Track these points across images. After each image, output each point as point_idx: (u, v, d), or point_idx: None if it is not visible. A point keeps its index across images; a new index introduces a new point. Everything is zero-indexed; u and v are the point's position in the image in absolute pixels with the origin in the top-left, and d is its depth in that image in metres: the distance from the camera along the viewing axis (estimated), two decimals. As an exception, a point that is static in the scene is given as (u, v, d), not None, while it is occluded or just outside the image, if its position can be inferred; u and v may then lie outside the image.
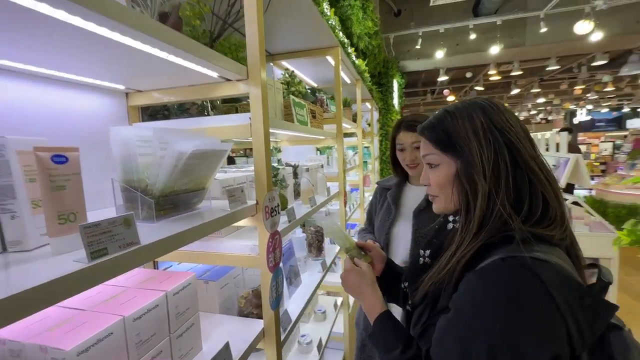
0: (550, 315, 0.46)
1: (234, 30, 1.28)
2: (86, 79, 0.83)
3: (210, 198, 0.88)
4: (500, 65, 6.68)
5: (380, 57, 4.73)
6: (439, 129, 0.65)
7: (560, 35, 4.86)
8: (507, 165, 0.58)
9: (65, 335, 0.56)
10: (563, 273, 0.49)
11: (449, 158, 0.65)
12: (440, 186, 0.67)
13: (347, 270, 0.81)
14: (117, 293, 0.73)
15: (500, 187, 0.57)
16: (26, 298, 0.36)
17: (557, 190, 0.59)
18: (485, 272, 0.52)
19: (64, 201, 0.48)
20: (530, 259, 0.49)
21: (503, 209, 0.56)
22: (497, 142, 0.59)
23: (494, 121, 0.60)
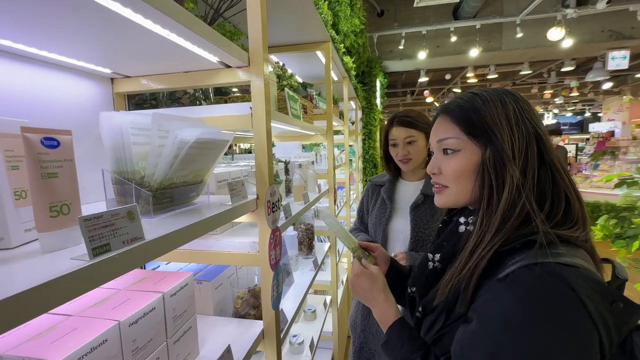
0: (585, 328, 0.43)
1: (225, 19, 1.22)
2: (66, 59, 0.75)
3: (208, 193, 0.82)
4: (477, 69, 6.91)
5: (364, 56, 4.75)
6: (470, 109, 0.59)
7: (534, 41, 5.09)
8: (534, 159, 0.55)
9: (52, 345, 0.49)
10: (592, 278, 0.46)
11: (474, 144, 0.59)
12: (457, 175, 0.61)
13: (358, 274, 0.75)
14: (108, 296, 0.66)
15: (527, 181, 0.54)
16: (17, 304, 0.30)
17: (577, 191, 0.56)
18: (513, 283, 0.48)
19: (56, 191, 0.42)
20: (557, 265, 0.46)
21: (529, 204, 0.53)
22: (528, 132, 0.56)
23: (524, 110, 0.57)
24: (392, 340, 0.66)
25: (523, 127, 0.56)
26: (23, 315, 0.31)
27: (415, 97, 10.86)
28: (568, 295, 0.44)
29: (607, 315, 0.44)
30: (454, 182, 0.62)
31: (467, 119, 0.59)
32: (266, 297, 0.88)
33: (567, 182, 0.55)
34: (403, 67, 6.05)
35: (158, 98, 1.08)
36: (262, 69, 0.82)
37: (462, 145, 0.60)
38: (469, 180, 0.60)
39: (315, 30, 1.74)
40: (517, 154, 0.55)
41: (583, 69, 7.38)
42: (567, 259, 0.47)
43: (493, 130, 0.57)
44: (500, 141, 0.56)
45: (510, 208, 0.54)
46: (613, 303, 0.45)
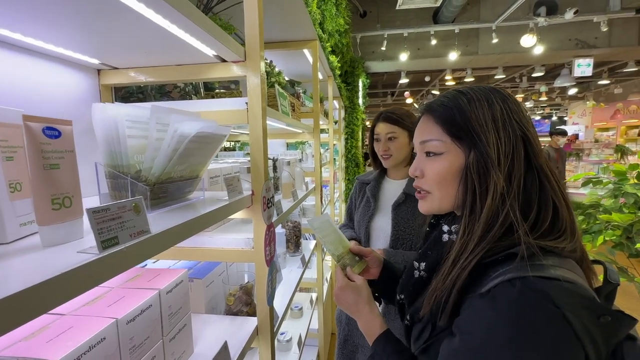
0: (569, 344, 0.41)
1: (214, 14, 1.20)
2: (53, 47, 0.71)
3: (204, 189, 0.81)
4: (455, 72, 7.15)
5: (348, 55, 4.80)
6: (454, 109, 0.55)
7: (508, 46, 5.33)
8: (521, 164, 0.52)
9: (47, 344, 0.47)
10: (578, 292, 0.43)
11: (458, 147, 0.55)
12: (440, 180, 0.57)
13: (342, 287, 0.72)
14: (100, 294, 0.64)
15: (512, 188, 0.51)
16: (25, 299, 0.28)
17: (567, 198, 0.53)
18: (494, 299, 0.45)
19: (58, 182, 0.40)
20: (540, 280, 0.43)
21: (512, 213, 0.49)
22: (515, 135, 0.52)
23: (512, 110, 0.54)
24: (378, 354, 0.64)
25: (510, 129, 0.53)
26: (33, 310, 0.30)
27: (395, 98, 11.07)
28: (551, 312, 0.41)
29: (593, 330, 0.42)
30: (437, 187, 0.59)
31: (451, 119, 0.56)
32: (261, 293, 0.88)
33: (555, 188, 0.52)
34: (385, 68, 6.15)
35: (146, 91, 1.04)
36: (259, 65, 0.81)
37: (445, 148, 0.57)
38: (452, 185, 0.57)
39: (304, 28, 1.74)
40: (503, 158, 0.51)
41: (551, 74, 7.82)
42: (550, 272, 0.44)
43: (478, 133, 0.53)
44: (485, 145, 0.52)
45: (494, 216, 0.51)
46: (600, 317, 0.42)
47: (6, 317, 0.27)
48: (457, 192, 0.57)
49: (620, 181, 2.06)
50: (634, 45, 5.20)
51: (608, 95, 9.61)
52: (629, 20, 4.99)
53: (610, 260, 2.05)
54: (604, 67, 7.41)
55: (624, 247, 2.03)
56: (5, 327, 0.27)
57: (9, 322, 0.27)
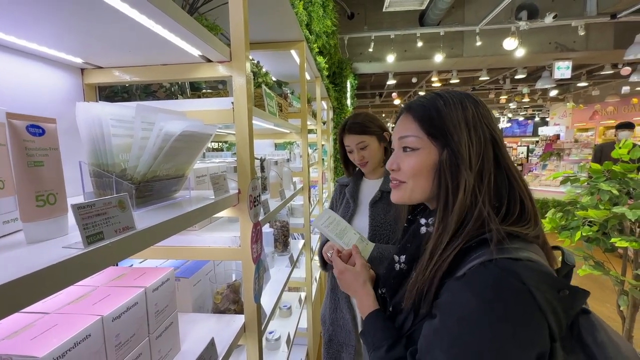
0: (535, 316, 0.46)
1: (200, 15, 1.20)
2: (38, 47, 0.71)
3: (190, 188, 0.82)
4: (441, 73, 7.28)
5: (335, 57, 4.84)
6: (431, 109, 0.61)
7: (492, 49, 5.47)
8: (490, 163, 0.57)
9: (32, 342, 0.47)
10: (541, 270, 0.49)
11: (433, 144, 0.60)
12: (414, 173, 0.62)
13: (341, 271, 0.77)
14: (85, 293, 0.64)
15: (483, 185, 0.56)
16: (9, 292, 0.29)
17: (530, 192, 0.59)
18: (469, 281, 0.50)
19: (42, 179, 0.41)
20: (509, 261, 0.49)
21: (483, 207, 0.55)
22: (485, 137, 0.58)
23: (483, 115, 0.59)
24: (367, 329, 0.69)
25: (481, 131, 0.58)
26: (18, 303, 0.30)
27: (383, 99, 11.19)
28: (519, 288, 0.47)
29: (555, 303, 0.47)
30: (411, 179, 0.63)
31: (428, 118, 0.61)
32: (248, 290, 0.89)
33: (521, 185, 0.58)
34: (372, 69, 6.23)
35: (131, 91, 1.04)
36: (245, 65, 0.83)
37: (421, 144, 0.61)
38: (426, 179, 0.62)
39: (290, 29, 1.76)
40: (474, 157, 0.56)
41: (533, 77, 8.06)
42: (518, 254, 0.49)
43: (451, 132, 0.58)
44: (457, 144, 0.57)
45: (467, 211, 0.56)
46: (560, 291, 0.48)
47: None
48: (430, 186, 0.62)
49: (596, 179, 2.15)
50: (610, 49, 5.42)
51: (587, 97, 9.96)
52: (605, 25, 5.20)
53: (588, 255, 2.14)
54: (583, 70, 7.68)
55: (600, 242, 2.11)
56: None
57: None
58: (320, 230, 0.83)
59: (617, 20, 4.58)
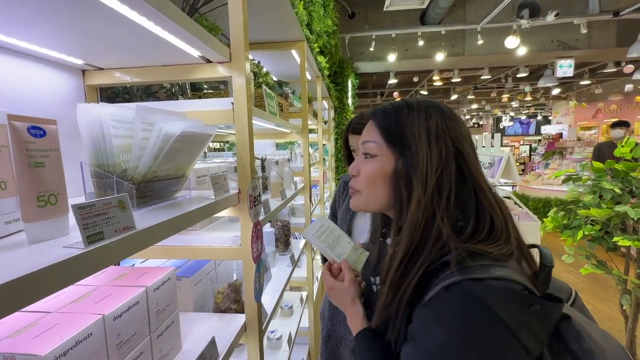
0: (503, 339, 0.44)
1: (200, 15, 1.21)
2: (39, 49, 0.72)
3: (190, 188, 0.82)
4: (442, 72, 7.27)
5: (336, 56, 4.84)
6: (393, 116, 0.59)
7: (493, 48, 5.46)
8: (450, 177, 0.54)
9: (34, 340, 0.48)
10: (508, 288, 0.46)
11: (391, 152, 0.58)
12: (369, 181, 0.61)
13: (330, 288, 0.74)
14: (87, 292, 0.64)
15: (442, 200, 0.53)
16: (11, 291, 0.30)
17: (503, 207, 0.55)
18: (435, 308, 0.48)
19: (43, 180, 0.41)
20: (473, 282, 0.46)
21: (442, 225, 0.52)
22: (447, 150, 0.55)
23: (449, 127, 0.56)
24: (356, 348, 0.67)
25: (443, 143, 0.55)
26: (20, 301, 0.31)
27: (384, 98, 11.18)
28: (484, 313, 0.44)
29: (527, 319, 0.45)
30: (366, 187, 0.62)
31: (388, 125, 0.59)
32: (249, 289, 0.89)
33: (491, 201, 0.54)
34: (373, 68, 6.22)
35: (132, 92, 1.05)
36: (244, 65, 0.83)
37: (379, 151, 0.60)
38: (381, 188, 0.60)
39: (291, 29, 1.76)
40: (431, 170, 0.54)
41: (535, 75, 8.03)
42: (483, 273, 0.47)
43: (409, 142, 0.56)
44: (413, 154, 0.55)
45: (425, 228, 0.53)
46: (531, 306, 0.45)
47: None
48: (386, 196, 0.59)
49: (599, 178, 2.14)
50: (612, 47, 5.39)
51: (589, 95, 9.91)
52: (608, 22, 5.17)
53: (590, 254, 2.13)
54: (585, 68, 7.64)
55: (602, 241, 2.10)
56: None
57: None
58: (310, 241, 0.78)
59: (620, 17, 4.56)
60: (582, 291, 3.70)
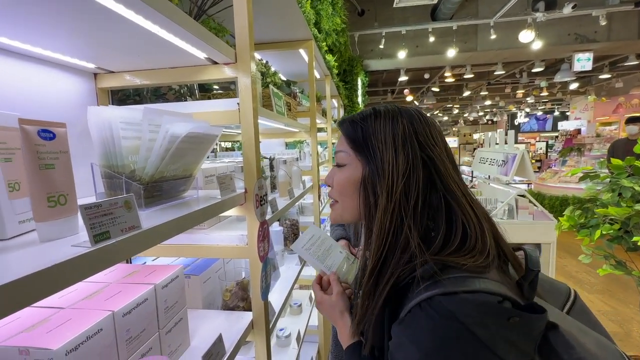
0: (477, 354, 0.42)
1: (208, 17, 1.22)
2: (52, 54, 0.74)
3: (198, 187, 0.84)
4: (454, 68, 7.15)
5: (346, 54, 4.82)
6: (359, 124, 0.58)
7: (507, 42, 5.32)
8: (418, 184, 0.52)
9: (47, 335, 0.50)
10: (482, 301, 0.44)
11: (359, 160, 0.58)
12: (341, 190, 0.60)
13: (319, 301, 0.73)
14: (98, 289, 0.66)
15: (409, 207, 0.51)
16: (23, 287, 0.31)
17: (481, 216, 0.53)
18: (408, 326, 0.47)
19: (53, 182, 0.43)
20: (445, 297, 0.44)
21: (409, 234, 0.50)
22: (415, 156, 0.53)
23: (417, 132, 0.55)
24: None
25: (410, 149, 0.53)
26: (29, 297, 0.32)
27: (395, 96, 11.07)
28: (455, 329, 0.43)
29: (504, 332, 0.43)
30: (339, 197, 0.62)
31: (354, 133, 0.59)
32: (256, 288, 0.90)
33: (465, 209, 0.52)
34: (383, 66, 6.17)
35: (142, 94, 1.07)
36: (249, 66, 0.84)
37: (348, 160, 0.59)
38: (352, 197, 0.59)
39: (298, 28, 1.76)
40: (396, 176, 0.52)
41: (552, 70, 7.79)
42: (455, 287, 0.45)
43: (374, 148, 0.55)
44: (379, 160, 0.54)
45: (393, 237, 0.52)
46: (510, 318, 0.43)
47: (3, 303, 0.29)
48: (357, 204, 0.59)
49: (618, 175, 2.07)
50: (634, 39, 5.18)
51: (610, 90, 9.55)
52: (629, 13, 4.97)
53: (609, 254, 2.06)
54: (605, 61, 7.37)
55: (621, 240, 2.03)
56: (3, 312, 0.29)
57: (6, 308, 0.30)
58: (300, 254, 0.77)
59: (642, 8, 4.38)
60: (600, 292, 3.59)
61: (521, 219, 3.19)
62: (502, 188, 3.56)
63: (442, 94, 10.83)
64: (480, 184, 4.19)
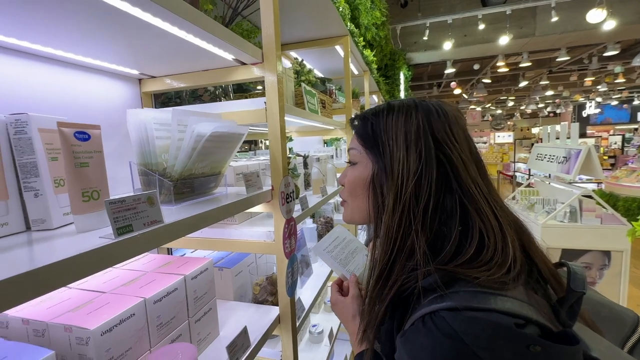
0: None
1: (243, 18, 1.27)
2: (102, 63, 0.82)
3: (226, 184, 0.87)
4: (508, 57, 6.57)
5: (387, 48, 4.68)
6: (369, 121, 0.56)
7: (572, 24, 4.75)
8: (431, 185, 0.48)
9: (88, 316, 0.56)
10: (495, 322, 0.38)
11: (369, 158, 0.55)
12: (351, 189, 0.58)
13: (333, 302, 0.72)
14: (136, 277, 0.73)
15: (418, 209, 0.47)
16: (53, 272, 0.35)
17: (506, 224, 0.47)
18: (408, 341, 0.43)
19: (87, 178, 0.48)
20: (450, 314, 0.40)
21: (415, 238, 0.46)
22: (429, 155, 0.49)
23: (434, 128, 0.50)
24: None
25: (424, 147, 0.49)
26: (58, 280, 0.36)
27: (442, 90, 10.52)
28: (458, 350, 0.38)
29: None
30: (349, 197, 0.59)
31: (364, 130, 0.56)
32: (281, 284, 0.92)
33: (486, 215, 0.46)
34: (428, 58, 5.89)
35: (182, 96, 1.14)
36: (275, 65, 0.85)
37: (359, 158, 0.57)
38: (361, 196, 0.57)
39: (333, 24, 1.75)
40: (406, 175, 0.48)
41: (630, 52, 6.80)
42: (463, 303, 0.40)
43: (384, 146, 0.52)
44: (388, 159, 0.51)
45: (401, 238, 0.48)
46: (529, 347, 0.37)
47: (37, 284, 0.33)
48: (366, 205, 0.56)
49: None
50: None
51: None
52: None
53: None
54: (701, 39, 6.23)
55: None
56: (37, 292, 0.33)
57: (39, 288, 0.34)
58: (321, 257, 0.74)
59: None
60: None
61: (586, 222, 2.84)
62: (564, 187, 3.20)
63: (494, 85, 10.03)
64: (538, 183, 3.81)
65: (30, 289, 0.33)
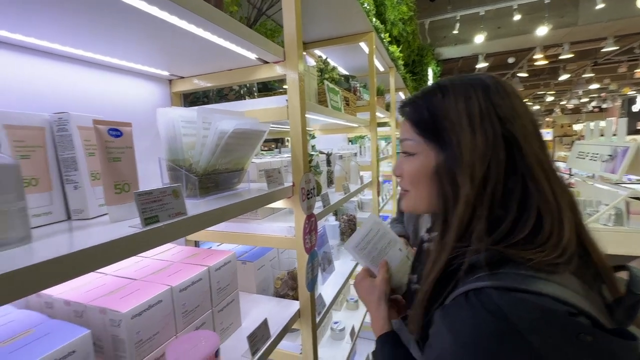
0: None
1: (267, 17, 1.29)
2: (135, 65, 0.88)
3: (249, 180, 0.90)
4: (547, 49, 6.17)
5: (414, 44, 4.57)
6: (424, 107, 0.52)
7: (620, 11, 4.37)
8: (500, 168, 0.46)
9: (121, 300, 0.60)
10: (544, 306, 0.37)
11: (430, 148, 0.52)
12: (412, 180, 0.56)
13: (357, 281, 0.72)
14: (164, 266, 0.77)
15: (486, 194, 0.45)
16: (87, 255, 0.39)
17: (564, 206, 0.45)
18: (447, 314, 0.43)
19: (119, 172, 0.51)
20: (498, 292, 0.39)
21: (479, 221, 0.45)
22: (495, 135, 0.46)
23: (496, 105, 0.47)
24: (377, 353, 0.64)
25: (490, 127, 0.46)
26: (92, 263, 0.40)
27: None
28: (503, 330, 0.37)
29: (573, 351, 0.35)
30: (411, 187, 0.57)
31: (420, 119, 0.53)
32: (301, 279, 0.94)
33: (546, 195, 0.44)
34: (458, 53, 5.67)
35: (209, 96, 1.19)
36: (297, 62, 0.86)
37: (417, 149, 0.54)
38: (425, 186, 0.54)
39: (356, 21, 1.74)
40: (478, 161, 0.46)
41: (690, 39, 6.14)
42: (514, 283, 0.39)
43: (448, 133, 0.49)
44: (455, 146, 0.48)
45: (469, 224, 0.46)
46: (579, 335, 0.35)
47: (75, 265, 0.37)
48: (432, 195, 0.53)
49: None
50: None
51: None
52: None
53: None
54: None
55: None
56: (75, 272, 0.37)
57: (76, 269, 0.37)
58: (351, 254, 0.72)
59: None
60: None
61: (634, 226, 2.61)
62: (609, 188, 2.97)
63: (531, 79, 9.47)
64: (579, 183, 3.56)
65: (70, 269, 0.37)
